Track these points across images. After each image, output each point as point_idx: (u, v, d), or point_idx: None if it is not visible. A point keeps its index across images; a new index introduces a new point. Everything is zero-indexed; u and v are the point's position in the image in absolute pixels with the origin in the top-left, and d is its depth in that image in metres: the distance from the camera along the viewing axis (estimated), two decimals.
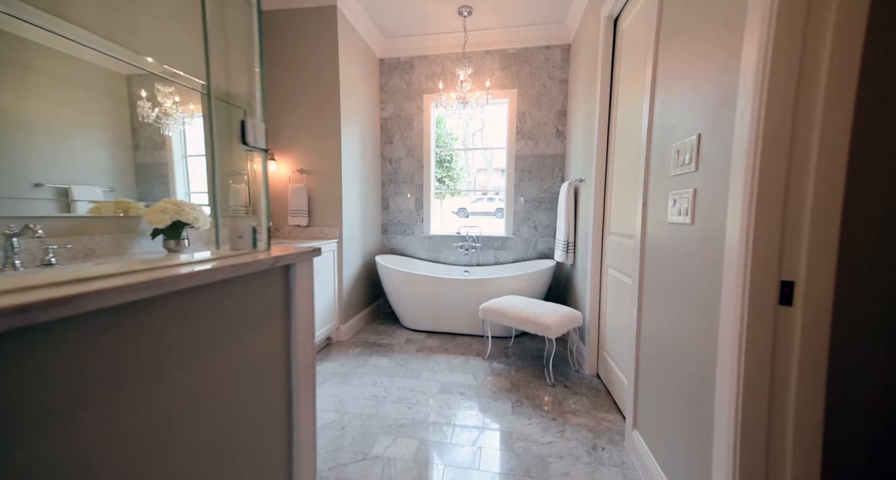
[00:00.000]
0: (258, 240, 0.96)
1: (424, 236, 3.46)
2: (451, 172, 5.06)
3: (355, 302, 2.94)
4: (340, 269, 2.68)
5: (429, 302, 2.81)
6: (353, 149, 2.81)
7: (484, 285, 2.68)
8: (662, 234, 1.23)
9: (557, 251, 2.73)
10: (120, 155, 2.05)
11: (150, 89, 2.16)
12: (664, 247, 1.21)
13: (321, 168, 2.65)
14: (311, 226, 2.71)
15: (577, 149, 2.67)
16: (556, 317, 2.02)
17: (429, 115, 3.35)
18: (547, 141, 3.18)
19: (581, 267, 2.40)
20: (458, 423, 1.63)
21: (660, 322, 1.24)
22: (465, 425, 1.62)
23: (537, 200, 3.25)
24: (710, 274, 0.93)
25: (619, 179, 1.83)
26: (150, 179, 2.32)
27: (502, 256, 3.35)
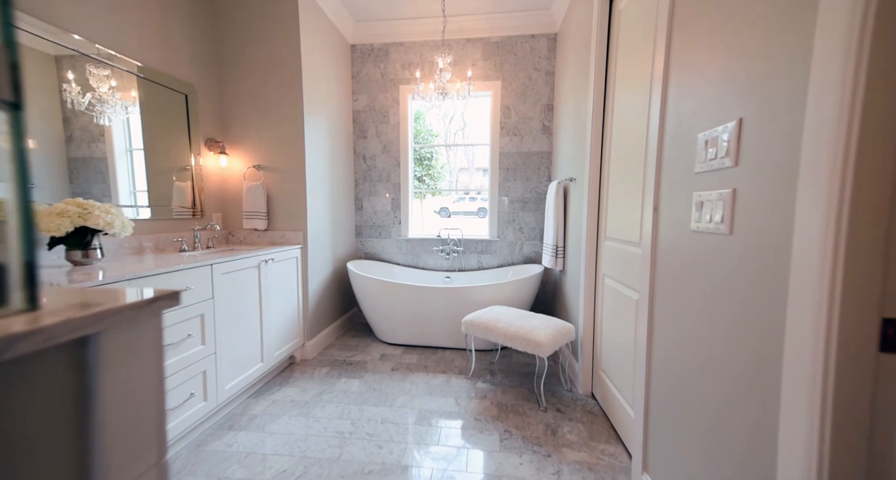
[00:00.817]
0: (10, 291, 0.43)
1: (402, 239, 3.19)
2: (432, 170, 4.80)
3: (324, 315, 2.63)
4: (305, 278, 2.37)
5: (406, 314, 2.54)
6: (319, 143, 2.50)
7: (466, 294, 2.44)
8: (682, 244, 1.02)
9: (545, 256, 2.52)
10: (48, 147, 1.69)
11: (80, 71, 1.80)
12: (685, 259, 1.00)
13: (282, 164, 2.33)
14: (271, 229, 2.39)
15: (565, 146, 2.47)
16: (549, 333, 1.80)
17: (406, 108, 3.08)
18: (533, 137, 2.97)
19: (572, 274, 2.20)
20: (436, 466, 1.38)
21: (678, 346, 1.03)
22: (446, 469, 1.37)
23: (523, 201, 3.04)
24: (758, 300, 0.72)
25: (617, 179, 1.63)
26: (87, 176, 1.95)
27: (486, 260, 3.12)
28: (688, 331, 0.99)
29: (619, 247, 1.59)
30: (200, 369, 1.50)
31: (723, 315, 0.84)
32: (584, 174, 1.94)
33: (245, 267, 1.80)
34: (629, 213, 1.48)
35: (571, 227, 2.24)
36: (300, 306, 2.33)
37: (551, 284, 2.86)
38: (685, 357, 1.00)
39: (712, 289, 0.88)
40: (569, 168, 2.34)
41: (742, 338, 0.77)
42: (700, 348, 0.93)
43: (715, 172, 0.87)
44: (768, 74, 0.71)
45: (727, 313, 0.82)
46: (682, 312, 1.01)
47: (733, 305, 0.80)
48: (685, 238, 1.00)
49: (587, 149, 1.88)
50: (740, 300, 0.78)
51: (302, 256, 2.36)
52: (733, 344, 0.80)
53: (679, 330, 1.03)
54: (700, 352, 0.93)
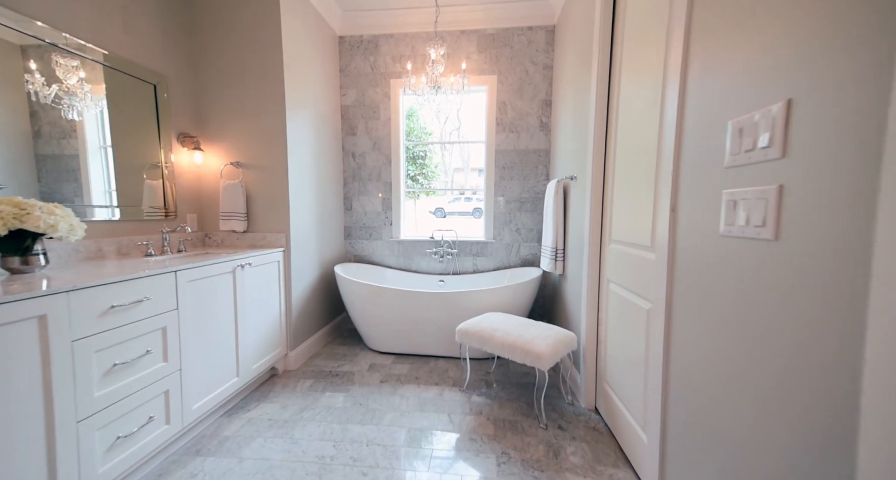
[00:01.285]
0: None
1: (394, 241, 3.04)
2: (426, 170, 4.66)
3: (310, 322, 2.47)
4: (288, 284, 2.21)
5: (397, 320, 2.39)
6: (303, 139, 2.34)
7: (461, 299, 2.29)
8: (708, 250, 0.88)
9: (544, 259, 2.39)
10: (13, 143, 1.52)
11: (45, 62, 1.63)
12: (712, 268, 0.87)
13: (262, 161, 2.17)
14: (251, 231, 2.22)
15: (565, 142, 2.34)
16: (549, 343, 1.67)
17: (397, 103, 2.93)
18: (530, 134, 2.84)
19: (573, 278, 2.07)
20: None
21: (702, 364, 0.90)
22: None
23: (520, 201, 2.90)
24: (815, 321, 0.59)
25: (624, 177, 1.50)
26: (57, 175, 1.77)
27: (481, 263, 2.98)
28: (714, 349, 0.85)
29: (627, 251, 1.45)
30: (161, 389, 1.34)
31: (763, 335, 0.70)
32: (586, 172, 1.81)
33: (217, 274, 1.64)
34: (639, 214, 1.35)
35: (572, 229, 2.11)
36: (283, 313, 2.17)
37: (550, 288, 2.73)
38: (711, 377, 0.86)
39: (748, 305, 0.74)
40: (569, 166, 2.21)
41: (789, 364, 0.64)
42: (731, 369, 0.79)
43: (753, 166, 0.74)
44: (831, 45, 0.58)
45: (768, 333, 0.69)
46: (708, 327, 0.88)
47: (777, 324, 0.67)
48: (711, 243, 0.87)
49: (589, 145, 1.75)
50: (787, 319, 0.65)
51: (284, 260, 2.19)
52: (778, 370, 0.67)
53: (703, 347, 0.90)
54: (731, 373, 0.79)
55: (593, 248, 1.74)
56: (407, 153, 3.59)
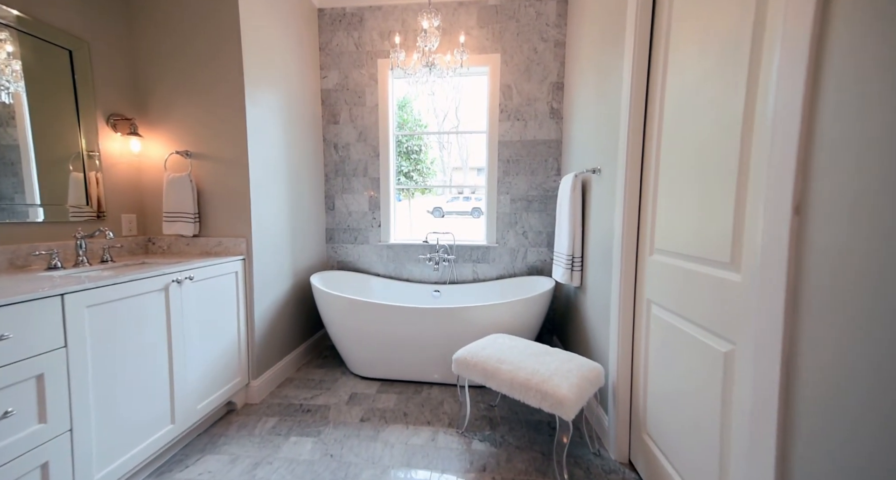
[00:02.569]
0: None
1: (382, 245, 2.65)
2: (421, 166, 4.27)
3: (280, 343, 2.09)
4: (250, 299, 1.83)
5: (383, 340, 2.01)
6: (270, 126, 1.96)
7: (459, 317, 1.91)
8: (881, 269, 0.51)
9: (557, 267, 2.01)
10: None
11: None
12: None
13: (216, 150, 1.78)
14: (204, 235, 1.83)
15: (582, 131, 1.96)
16: (573, 383, 1.29)
17: (385, 86, 2.54)
18: (539, 122, 2.46)
19: (595, 293, 1.69)
20: None
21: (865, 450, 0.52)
22: None
23: (526, 199, 2.53)
24: None
25: (676, 169, 1.12)
26: None
27: (483, 271, 2.60)
28: None
29: (682, 267, 1.08)
30: (36, 461, 0.95)
31: None
32: (616, 163, 1.43)
33: (139, 293, 1.26)
34: (707, 217, 0.97)
35: (594, 232, 1.74)
36: (242, 335, 1.79)
37: (562, 301, 2.35)
38: None
39: None
40: (589, 157, 1.83)
41: None
42: None
43: None
44: None
45: None
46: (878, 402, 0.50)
47: None
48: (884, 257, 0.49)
49: (622, 131, 1.37)
50: None
51: (245, 270, 1.81)
52: None
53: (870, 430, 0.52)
54: None
55: (627, 259, 1.37)
56: (400, 147, 3.20)
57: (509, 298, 2.40)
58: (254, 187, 1.82)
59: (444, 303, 2.53)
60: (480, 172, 2.82)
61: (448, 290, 2.55)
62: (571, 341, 2.10)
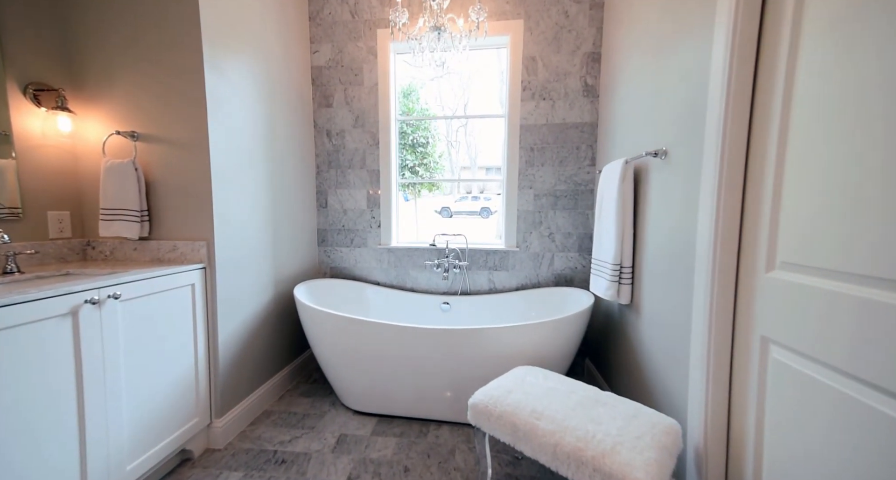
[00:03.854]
0: None
1: (383, 248, 2.27)
2: (428, 160, 3.88)
3: (254, 370, 1.71)
4: (212, 318, 1.45)
5: (381, 367, 1.62)
6: (242, 102, 1.58)
7: (474, 340, 1.51)
8: None
9: (598, 279, 1.60)
10: None
11: None
12: None
13: (170, 130, 1.42)
14: (155, 237, 1.47)
15: (631, 107, 1.55)
16: (650, 458, 0.88)
17: (386, 62, 2.16)
18: (569, 102, 2.05)
19: (657, 317, 1.27)
20: None
21: None
22: None
23: (553, 195, 2.11)
24: None
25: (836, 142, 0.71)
26: None
27: (501, 280, 2.20)
28: None
29: (846, 292, 0.66)
30: None
31: None
32: (704, 142, 1.02)
33: (28, 321, 0.89)
34: None
35: (652, 235, 1.32)
36: (201, 365, 1.41)
37: (600, 317, 1.93)
38: None
39: None
40: (646, 138, 1.41)
41: None
42: None
43: None
44: None
45: None
46: None
47: None
48: None
49: (717, 100, 0.96)
50: None
51: (205, 282, 1.43)
52: None
53: None
54: None
55: (723, 275, 0.95)
56: (405, 140, 2.82)
57: (534, 314, 1.99)
58: (217, 177, 1.44)
59: (455, 319, 2.13)
60: (489, 171, 2.45)
61: (459, 303, 2.15)
62: (616, 374, 1.68)
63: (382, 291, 2.23)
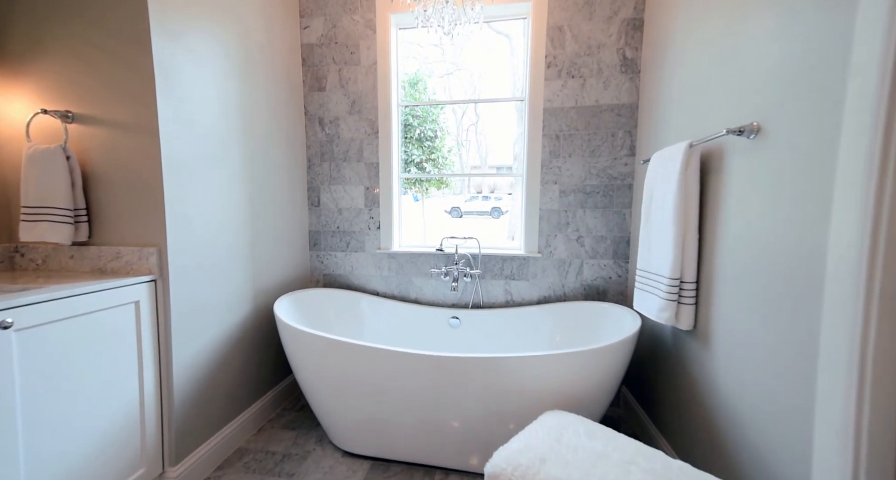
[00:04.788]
0: None
1: (383, 253, 1.97)
2: (436, 154, 3.57)
3: (223, 402, 1.43)
4: (164, 342, 1.17)
5: (376, 400, 1.31)
6: (205, 77, 1.30)
7: (489, 370, 1.20)
8: None
9: (648, 296, 1.26)
10: None
11: None
12: None
13: (112, 110, 1.14)
14: (96, 242, 1.19)
15: (688, 82, 1.21)
16: None
17: (386, 38, 1.86)
18: (604, 79, 1.71)
19: (742, 353, 0.93)
20: None
21: None
22: None
23: (583, 191, 1.78)
24: None
25: None
26: None
27: (519, 291, 1.87)
28: None
29: None
30: None
31: None
32: (828, 115, 0.68)
33: None
34: None
35: (730, 240, 0.98)
36: (149, 402, 1.13)
37: (644, 341, 1.59)
38: None
39: None
40: (719, 113, 1.07)
41: None
42: None
43: None
44: None
45: None
46: None
47: None
48: None
49: (875, 54, 0.62)
50: None
51: (155, 297, 1.15)
52: None
53: None
54: None
55: (888, 302, 0.61)
56: (410, 132, 2.53)
57: (559, 339, 1.66)
58: (171, 168, 1.16)
59: (466, 337, 1.82)
60: (500, 171, 2.17)
61: (470, 317, 1.84)
62: (667, 415, 1.34)
63: (382, 303, 1.93)
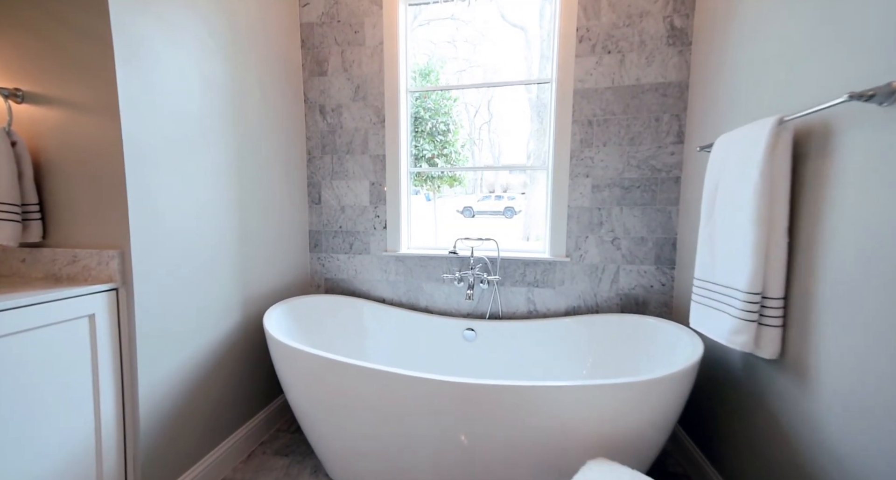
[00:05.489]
0: None
1: (390, 256, 1.77)
2: (449, 149, 3.36)
3: (207, 426, 1.25)
4: (128, 361, 0.99)
5: (376, 431, 1.11)
6: (182, 57, 1.12)
7: (515, 401, 0.97)
8: None
9: (714, 313, 1.01)
10: None
11: None
12: None
13: (70, 90, 0.96)
14: (52, 243, 1.02)
15: (760, 54, 0.96)
16: None
17: (394, 13, 1.65)
18: (647, 54, 1.46)
19: (882, 396, 0.68)
20: None
21: None
22: None
23: (621, 185, 1.53)
24: None
25: None
26: None
27: (544, 300, 1.64)
28: None
29: None
30: None
31: None
32: None
33: None
34: None
35: (847, 246, 0.73)
36: (107, 432, 0.95)
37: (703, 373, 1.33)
38: None
39: None
40: (820, 78, 0.82)
41: None
42: None
43: None
44: None
45: None
46: None
47: None
48: None
49: None
50: None
51: (117, 309, 0.97)
52: None
53: None
54: None
55: None
56: (422, 126, 2.36)
57: (591, 360, 1.42)
58: (135, 156, 0.98)
59: (482, 352, 1.60)
60: (513, 171, 1.94)
61: (488, 329, 1.61)
62: (740, 466, 1.09)
63: (388, 312, 1.72)
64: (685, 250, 1.43)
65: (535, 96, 3.16)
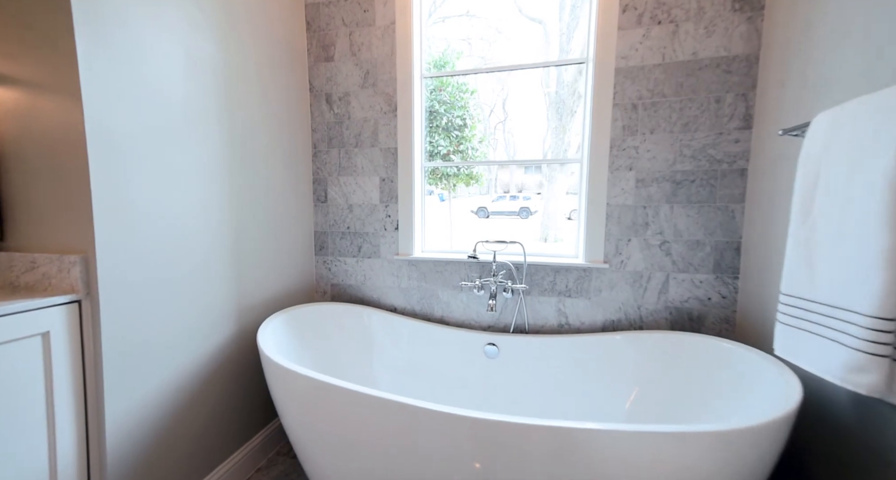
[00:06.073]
0: None
1: (402, 260, 1.59)
2: (465, 145, 3.16)
3: (192, 455, 1.09)
4: (93, 385, 0.84)
5: (387, 466, 0.92)
6: (166, 32, 0.97)
7: (546, 440, 0.76)
8: None
9: (816, 341, 0.78)
10: None
11: None
12: None
13: (26, 68, 0.82)
14: (11, 247, 0.88)
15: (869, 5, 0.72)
16: None
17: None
18: (706, 23, 1.23)
19: None
20: None
21: None
22: None
23: (671, 179, 1.30)
24: None
25: None
26: None
27: (576, 312, 1.42)
28: None
29: None
30: None
31: None
32: None
33: None
34: None
35: None
36: (65, 469, 0.80)
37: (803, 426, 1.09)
38: None
39: None
40: None
41: None
42: None
43: None
44: None
45: None
46: None
47: None
48: None
49: None
50: None
51: (80, 326, 0.83)
52: None
53: None
54: None
55: None
56: (437, 121, 2.21)
57: (644, 384, 1.20)
58: (102, 144, 0.83)
59: (506, 372, 1.39)
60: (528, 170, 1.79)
61: (512, 345, 1.41)
62: None
63: (400, 323, 1.54)
64: (754, 256, 1.18)
65: (553, 91, 2.94)
